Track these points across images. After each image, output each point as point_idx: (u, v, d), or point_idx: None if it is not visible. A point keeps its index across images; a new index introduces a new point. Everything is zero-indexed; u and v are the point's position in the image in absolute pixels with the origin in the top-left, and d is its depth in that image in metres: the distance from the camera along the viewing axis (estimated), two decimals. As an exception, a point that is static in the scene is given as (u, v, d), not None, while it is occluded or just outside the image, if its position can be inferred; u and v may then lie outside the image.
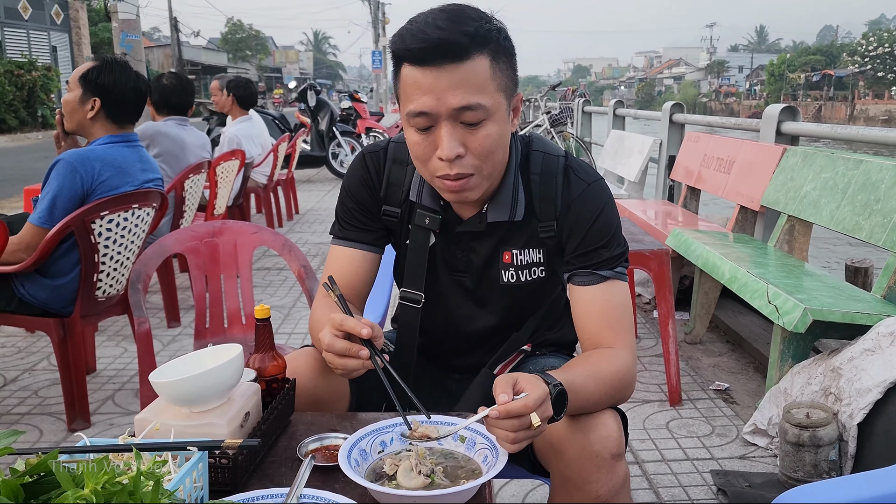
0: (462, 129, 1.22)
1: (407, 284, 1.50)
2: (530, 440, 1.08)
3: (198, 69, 40.75)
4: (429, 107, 1.20)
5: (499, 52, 1.23)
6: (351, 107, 11.47)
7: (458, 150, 1.22)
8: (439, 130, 1.22)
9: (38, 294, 2.62)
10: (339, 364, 1.19)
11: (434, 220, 1.42)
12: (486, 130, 1.23)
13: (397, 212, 1.46)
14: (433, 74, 1.19)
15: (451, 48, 1.18)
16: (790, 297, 2.44)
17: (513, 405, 1.04)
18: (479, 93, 1.20)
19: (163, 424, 1.09)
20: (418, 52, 1.19)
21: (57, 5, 27.37)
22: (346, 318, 1.20)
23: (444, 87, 1.19)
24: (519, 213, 1.39)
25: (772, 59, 72.93)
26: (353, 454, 1.11)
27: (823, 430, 2.18)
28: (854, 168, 3.04)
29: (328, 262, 1.51)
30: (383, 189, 1.46)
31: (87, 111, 2.68)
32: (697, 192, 4.80)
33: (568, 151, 1.45)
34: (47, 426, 2.77)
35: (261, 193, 6.58)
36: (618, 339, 1.32)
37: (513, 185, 1.38)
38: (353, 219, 1.47)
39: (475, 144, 1.23)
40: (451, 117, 1.21)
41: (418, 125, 1.24)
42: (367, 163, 1.47)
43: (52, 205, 2.53)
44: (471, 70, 1.19)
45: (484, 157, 1.25)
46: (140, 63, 7.82)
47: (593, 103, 10.11)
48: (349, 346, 1.18)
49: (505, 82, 1.25)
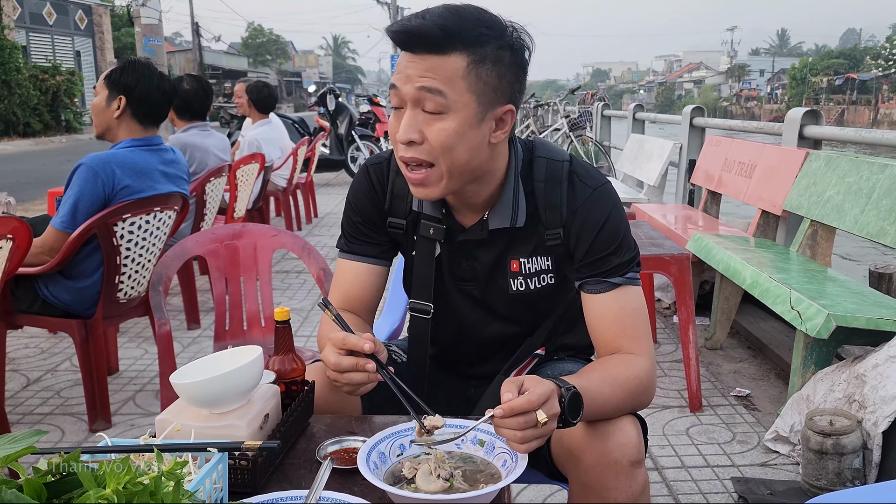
0: (422, 116, 1.23)
1: (415, 296, 1.49)
2: (540, 440, 1.06)
3: (218, 73, 41.09)
4: (399, 83, 1.23)
5: (485, 58, 1.22)
6: (370, 111, 11.51)
7: (410, 135, 1.23)
8: (403, 113, 1.25)
9: (60, 295, 2.65)
10: (344, 380, 1.19)
11: (438, 229, 1.41)
12: (444, 124, 1.22)
13: (403, 223, 1.46)
14: (410, 59, 1.22)
15: (424, 39, 1.20)
16: (813, 303, 2.41)
17: (516, 402, 1.04)
18: (444, 84, 1.21)
19: (183, 425, 1.09)
20: (394, 36, 1.22)
21: (81, 10, 27.76)
22: (347, 336, 1.20)
23: (414, 69, 1.21)
24: (520, 221, 1.37)
25: (794, 62, 72.24)
26: (372, 457, 1.11)
27: (847, 438, 2.15)
28: (879, 172, 3.00)
29: (336, 276, 1.51)
30: (388, 201, 1.45)
31: (113, 111, 2.71)
32: (718, 196, 4.76)
33: (573, 155, 1.43)
34: (69, 426, 2.80)
35: (280, 197, 6.62)
36: (635, 344, 1.31)
37: (513, 192, 1.37)
38: (358, 232, 1.48)
39: (431, 135, 1.23)
40: (414, 101, 1.23)
41: (393, 103, 1.26)
42: (371, 175, 1.46)
43: (74, 209, 2.56)
44: (442, 62, 1.20)
45: (441, 151, 1.24)
46: (162, 67, 7.89)
47: (612, 107, 10.07)
48: (355, 360, 1.18)
49: (482, 87, 1.23)
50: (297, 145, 6.60)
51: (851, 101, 54.37)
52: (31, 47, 24.91)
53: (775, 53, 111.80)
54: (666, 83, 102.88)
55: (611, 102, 10.44)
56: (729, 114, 62.64)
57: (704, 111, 5.66)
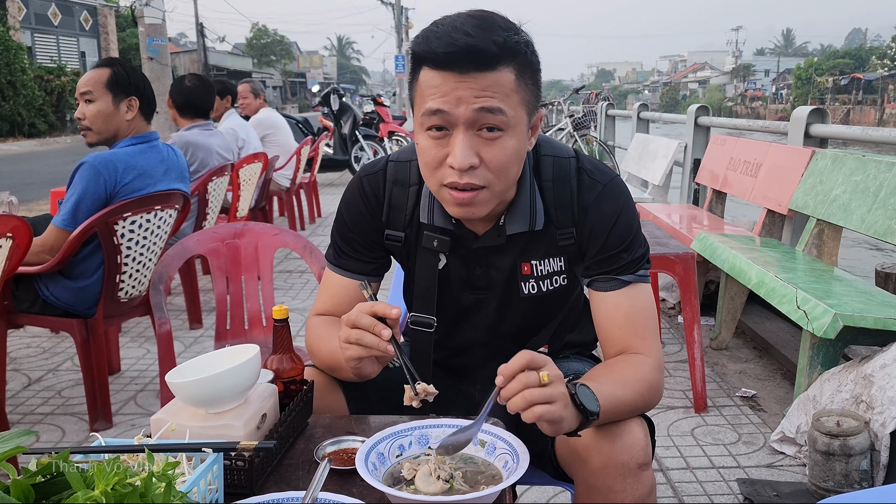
0: (478, 139, 1.17)
1: (417, 309, 1.44)
2: (549, 407, 1.02)
3: (223, 74, 41.13)
4: (447, 106, 1.14)
5: (525, 67, 1.18)
6: (374, 111, 11.49)
7: (472, 160, 1.15)
8: (455, 137, 1.16)
9: (61, 295, 2.64)
10: (355, 337, 1.15)
11: (443, 241, 1.36)
12: (504, 143, 1.17)
13: (401, 236, 1.40)
14: (455, 79, 1.14)
15: (479, 56, 1.12)
16: (820, 303, 2.38)
17: (512, 361, 1.04)
18: (503, 101, 1.15)
19: (179, 425, 1.07)
20: (444, 55, 1.13)
21: (86, 11, 27.82)
22: (376, 303, 1.17)
23: (466, 91, 1.13)
24: (539, 223, 1.33)
25: (799, 62, 72.01)
26: (371, 458, 1.08)
27: (854, 439, 2.12)
28: (886, 171, 2.97)
29: (324, 284, 1.46)
30: (385, 213, 1.39)
31: (123, 114, 2.69)
32: (723, 195, 4.73)
33: (578, 151, 1.40)
34: (70, 426, 2.79)
35: (283, 196, 6.60)
36: (643, 344, 1.29)
37: (529, 194, 1.32)
38: (351, 249, 1.41)
39: (490, 156, 1.17)
40: (469, 124, 1.15)
41: (433, 124, 1.17)
42: (365, 187, 1.39)
43: (75, 207, 2.54)
44: (495, 80, 1.14)
45: (498, 172, 1.18)
46: (166, 67, 7.89)
47: (617, 108, 10.03)
48: (374, 322, 1.14)
49: (528, 97, 1.19)
50: (300, 145, 6.59)
51: (857, 102, 54.15)
52: (36, 48, 25.00)
53: (780, 53, 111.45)
54: (671, 83, 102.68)
55: (615, 102, 10.37)
56: (734, 114, 62.48)
57: (709, 110, 5.63)
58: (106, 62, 2.73)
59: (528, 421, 1.03)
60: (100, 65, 2.72)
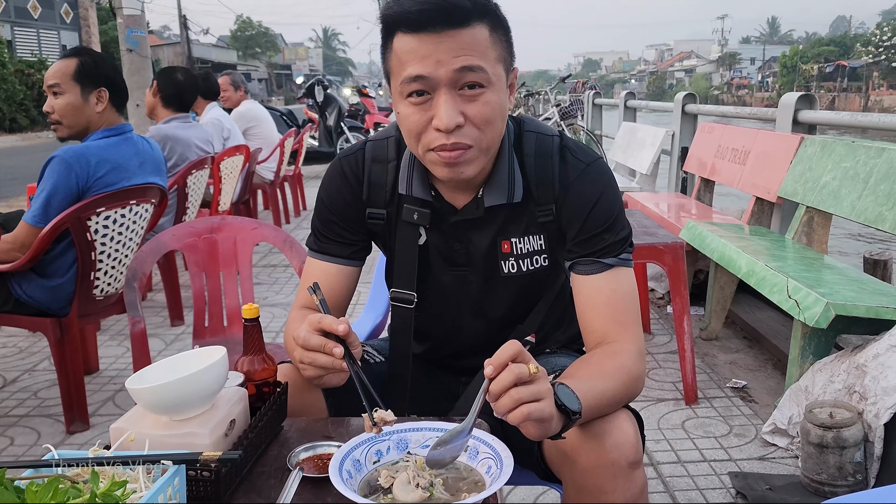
0: (461, 98, 1.16)
1: (397, 284, 1.42)
2: (536, 405, 0.97)
3: (207, 67, 40.72)
4: (427, 70, 1.14)
5: (497, 24, 1.19)
6: (359, 102, 11.40)
7: (457, 119, 1.15)
8: (437, 99, 1.16)
9: (34, 294, 2.56)
10: (308, 360, 1.11)
11: (423, 214, 1.34)
12: (487, 98, 1.17)
13: (383, 213, 1.38)
14: (432, 40, 1.13)
15: (453, 11, 1.12)
16: (811, 292, 2.33)
17: (500, 350, 0.98)
18: (481, 58, 1.15)
19: (139, 434, 1.01)
20: (417, 13, 1.12)
21: (66, 4, 27.47)
22: (324, 317, 1.13)
23: (444, 51, 1.13)
24: (518, 195, 1.31)
25: (784, 50, 72.20)
26: (346, 465, 1.02)
27: (848, 431, 2.08)
28: (876, 156, 2.93)
29: (305, 273, 1.43)
30: (365, 192, 1.38)
31: (93, 106, 2.60)
32: (711, 183, 4.69)
33: (562, 132, 1.38)
34: (45, 428, 2.71)
35: (268, 190, 6.51)
36: (622, 331, 1.24)
37: (508, 166, 1.30)
38: (331, 231, 1.39)
39: (474, 112, 1.17)
40: (450, 84, 1.15)
41: (414, 90, 1.16)
42: (345, 168, 1.39)
43: (46, 203, 2.46)
44: (471, 36, 1.14)
45: (484, 127, 1.18)
46: (146, 59, 7.75)
47: (604, 97, 9.98)
48: (324, 342, 1.10)
49: (503, 54, 1.21)
50: (283, 137, 6.49)
51: (842, 89, 54.46)
52: (16, 42, 24.66)
53: (766, 42, 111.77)
54: (657, 73, 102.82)
55: (602, 92, 10.31)
56: (720, 102, 62.56)
57: (696, 98, 5.58)
58: (73, 52, 2.63)
59: (516, 422, 0.98)
60: (66, 55, 2.62)
